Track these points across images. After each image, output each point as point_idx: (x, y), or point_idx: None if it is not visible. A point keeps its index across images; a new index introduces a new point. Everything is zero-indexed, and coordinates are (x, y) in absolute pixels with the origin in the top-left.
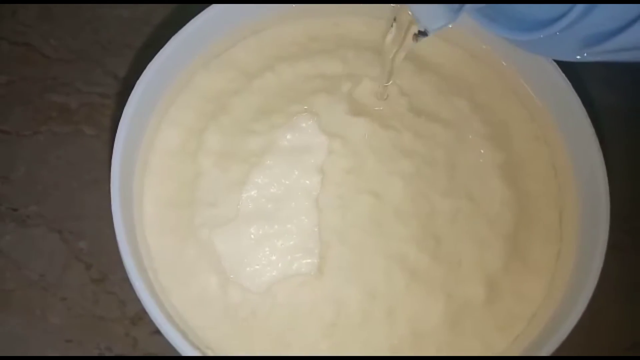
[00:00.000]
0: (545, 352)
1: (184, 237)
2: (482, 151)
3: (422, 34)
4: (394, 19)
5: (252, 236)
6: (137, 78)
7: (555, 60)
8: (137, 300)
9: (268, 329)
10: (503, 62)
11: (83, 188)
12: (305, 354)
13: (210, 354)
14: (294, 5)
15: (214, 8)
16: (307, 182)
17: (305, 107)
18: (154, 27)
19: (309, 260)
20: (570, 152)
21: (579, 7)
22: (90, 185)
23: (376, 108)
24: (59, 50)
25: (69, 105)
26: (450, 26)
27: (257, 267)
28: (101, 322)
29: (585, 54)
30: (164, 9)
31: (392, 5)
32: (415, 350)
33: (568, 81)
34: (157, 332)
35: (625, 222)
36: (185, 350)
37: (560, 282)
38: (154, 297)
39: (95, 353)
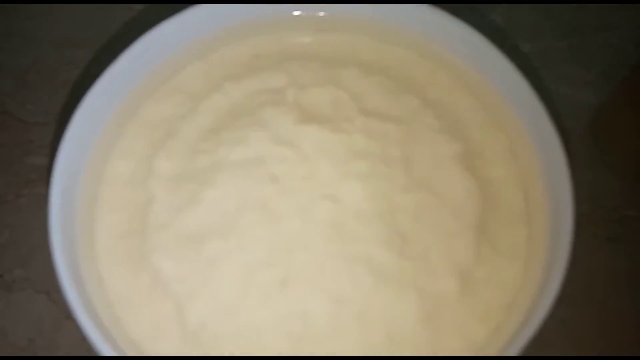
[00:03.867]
0: (527, 337)
1: (137, 265)
2: (438, 144)
3: None
4: None
5: (207, 255)
6: None
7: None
8: None
9: (232, 351)
10: (452, 58)
11: None
12: None
13: None
14: (236, 24)
15: (158, 32)
16: (262, 193)
17: (254, 121)
18: None
19: (269, 274)
20: (527, 135)
21: None
22: None
23: (325, 113)
24: (35, 115)
25: (49, 166)
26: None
27: (215, 287)
28: None
29: None
30: None
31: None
32: (392, 353)
33: (516, 69)
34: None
35: (615, 211)
36: None
37: (534, 265)
38: (103, 334)
39: None
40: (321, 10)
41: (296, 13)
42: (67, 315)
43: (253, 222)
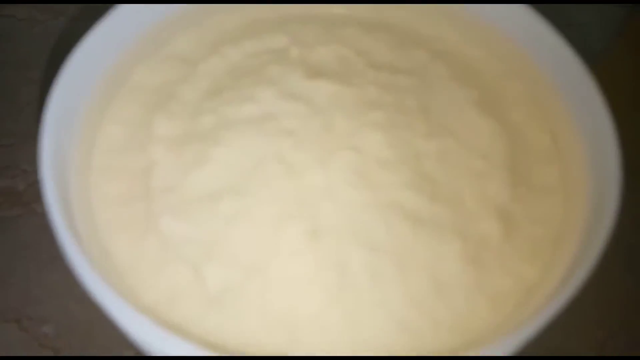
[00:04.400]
0: (583, 275)
1: (144, 231)
2: (453, 91)
3: None
4: None
5: (223, 214)
6: None
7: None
8: None
9: (265, 309)
10: (458, 8)
11: (41, 269)
12: (315, 330)
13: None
14: None
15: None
16: (277, 147)
17: (259, 79)
18: None
19: (297, 226)
20: (549, 77)
21: None
22: (48, 264)
23: (334, 69)
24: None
25: (16, 187)
26: None
27: (236, 245)
28: None
29: None
30: None
31: None
32: (441, 299)
33: (531, 10)
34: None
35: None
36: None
37: (575, 199)
38: (122, 298)
39: None
40: None
41: None
42: (40, 343)
43: (271, 177)
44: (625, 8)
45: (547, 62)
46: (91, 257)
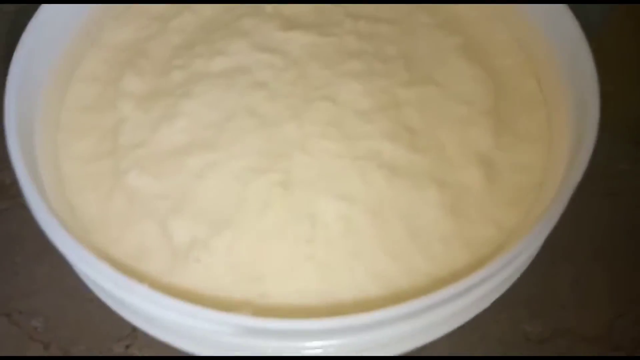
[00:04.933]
0: (556, 215)
1: (111, 188)
2: (436, 39)
3: None
4: None
5: (193, 168)
6: None
7: None
8: None
9: (234, 262)
10: None
11: (29, 261)
12: (285, 281)
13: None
14: None
15: None
16: (249, 100)
17: (232, 32)
18: None
19: (267, 178)
20: (533, 20)
21: None
22: (36, 257)
23: (311, 20)
24: None
25: (3, 181)
26: None
27: (205, 199)
28: None
29: None
30: None
31: None
32: (418, 248)
33: None
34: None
35: (609, 167)
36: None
37: (559, 145)
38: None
39: None
40: None
41: None
42: (30, 336)
43: (242, 130)
44: None
45: (533, 6)
46: (57, 213)
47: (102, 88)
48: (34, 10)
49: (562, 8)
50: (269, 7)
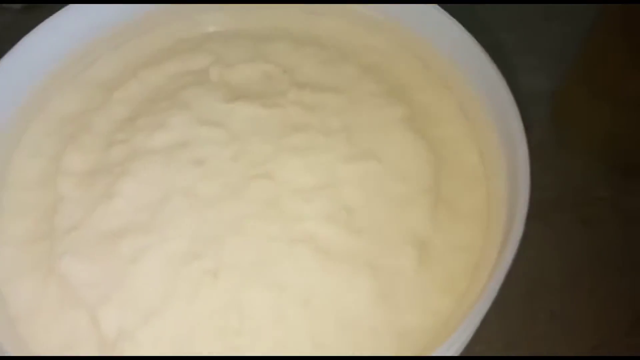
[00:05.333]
0: (488, 302)
1: (45, 274)
2: (380, 109)
3: None
4: None
5: (125, 253)
6: None
7: None
8: None
9: (159, 354)
10: (387, 20)
11: None
12: None
13: None
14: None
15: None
16: (185, 179)
17: (174, 103)
18: None
19: (197, 265)
20: (475, 91)
21: None
22: None
23: (255, 90)
24: None
25: None
26: None
27: (134, 287)
28: None
29: None
30: None
31: None
32: (346, 340)
33: (459, 24)
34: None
35: (585, 194)
36: None
37: (495, 224)
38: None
39: None
40: None
41: None
42: None
43: (176, 211)
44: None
45: (474, 76)
46: None
47: (45, 164)
48: None
49: (496, 77)
50: (214, 74)
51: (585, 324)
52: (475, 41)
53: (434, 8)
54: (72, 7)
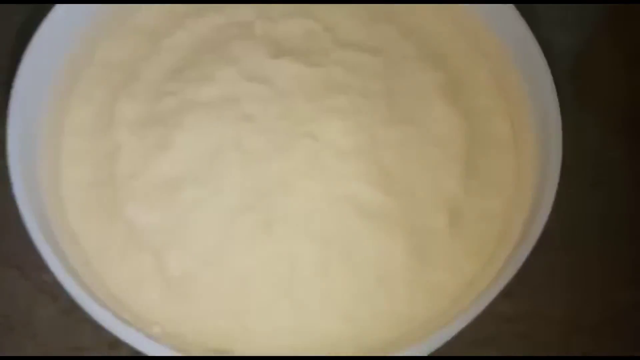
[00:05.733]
0: (515, 268)
1: (110, 217)
2: (419, 74)
3: None
4: None
5: (183, 203)
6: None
7: None
8: None
9: (219, 298)
10: None
11: None
12: (265, 318)
13: (158, 330)
14: None
15: None
16: (236, 133)
17: (221, 56)
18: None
19: (252, 217)
20: (511, 60)
21: None
22: None
23: (299, 46)
24: None
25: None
26: None
27: (195, 235)
28: (77, 353)
29: None
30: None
31: None
32: (384, 291)
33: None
34: (139, 355)
35: (598, 155)
36: (130, 336)
37: (522, 196)
38: (84, 289)
39: None
40: None
41: None
42: (40, 288)
43: (229, 165)
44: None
45: (512, 47)
46: (61, 242)
47: (99, 111)
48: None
49: (535, 52)
50: (259, 29)
51: (580, 280)
52: (517, 13)
53: None
54: None
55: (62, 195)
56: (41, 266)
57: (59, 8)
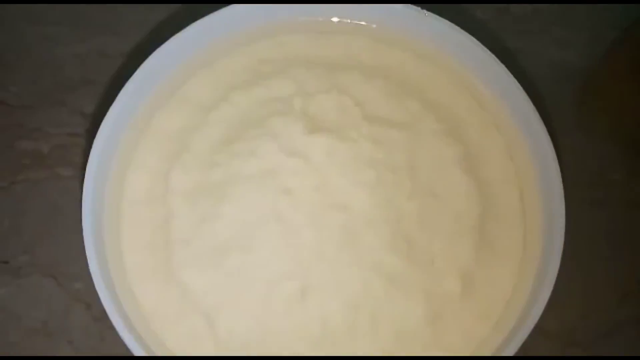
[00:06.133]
0: (525, 333)
1: (166, 280)
2: (440, 148)
3: None
4: None
5: (230, 269)
6: (104, 113)
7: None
8: None
9: (262, 354)
10: (448, 58)
11: (68, 229)
12: None
13: None
14: (239, 31)
15: (169, 44)
16: (276, 205)
17: (264, 132)
18: (110, 59)
19: (289, 285)
20: (521, 135)
21: None
22: (74, 225)
23: (332, 121)
24: (21, 97)
25: (41, 150)
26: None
27: (240, 299)
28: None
29: None
30: (117, 40)
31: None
32: (402, 353)
33: (509, 73)
34: None
35: (600, 176)
36: None
37: (529, 264)
38: (146, 349)
39: None
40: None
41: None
42: (74, 297)
43: (270, 235)
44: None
45: (519, 118)
46: (123, 303)
47: (153, 180)
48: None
49: (539, 126)
50: (297, 103)
51: (576, 296)
52: (524, 92)
53: (490, 56)
54: (175, 38)
55: (124, 258)
56: (73, 275)
57: (128, 85)
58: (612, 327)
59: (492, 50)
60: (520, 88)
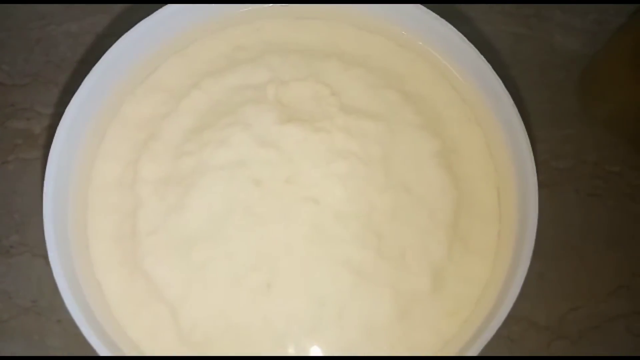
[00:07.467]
0: (491, 331)
1: (131, 270)
2: (417, 141)
3: None
4: None
5: (196, 261)
6: None
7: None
8: None
9: (224, 349)
10: (428, 48)
11: None
12: None
13: None
14: (214, 15)
15: (139, 27)
16: (246, 197)
17: (236, 120)
18: (103, 38)
19: (255, 278)
20: (501, 131)
21: None
22: None
23: (306, 111)
24: (12, 76)
25: (32, 130)
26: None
27: (205, 291)
28: None
29: None
30: (110, 19)
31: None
32: (369, 349)
33: (487, 63)
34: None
35: (598, 167)
36: None
37: (502, 262)
38: (102, 339)
39: None
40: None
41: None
42: None
43: (238, 227)
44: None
45: (499, 113)
46: (86, 291)
47: (122, 168)
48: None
49: (518, 123)
50: (271, 93)
51: (568, 288)
52: (506, 91)
53: (470, 47)
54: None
55: (89, 246)
56: None
57: (96, 70)
58: (600, 321)
59: (494, 35)
60: (500, 81)
